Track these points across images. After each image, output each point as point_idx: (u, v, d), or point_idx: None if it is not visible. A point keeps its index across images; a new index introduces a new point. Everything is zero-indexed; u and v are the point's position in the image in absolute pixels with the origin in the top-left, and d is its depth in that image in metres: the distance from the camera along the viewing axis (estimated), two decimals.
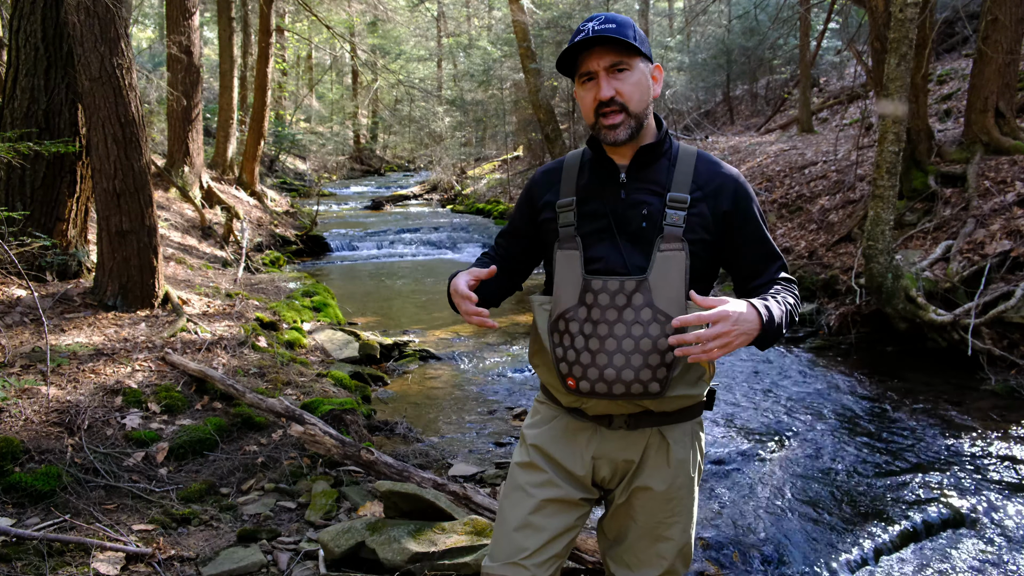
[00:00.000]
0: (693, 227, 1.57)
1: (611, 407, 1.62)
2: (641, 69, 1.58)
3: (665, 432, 1.66)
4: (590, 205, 1.64)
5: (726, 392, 5.13)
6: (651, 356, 1.53)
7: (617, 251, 1.58)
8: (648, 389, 1.55)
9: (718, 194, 1.60)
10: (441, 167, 21.66)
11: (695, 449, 1.71)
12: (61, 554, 2.63)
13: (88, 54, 4.60)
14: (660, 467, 1.66)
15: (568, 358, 1.60)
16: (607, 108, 1.55)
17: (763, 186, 10.45)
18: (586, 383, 1.58)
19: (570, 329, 1.60)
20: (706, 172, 1.62)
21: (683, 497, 1.67)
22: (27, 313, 4.54)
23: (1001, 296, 5.52)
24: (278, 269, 9.95)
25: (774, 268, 1.66)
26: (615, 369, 1.54)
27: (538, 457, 1.73)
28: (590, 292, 1.57)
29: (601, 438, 1.68)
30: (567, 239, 1.64)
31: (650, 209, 1.58)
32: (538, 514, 1.67)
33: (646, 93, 1.59)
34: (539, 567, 1.64)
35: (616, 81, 1.55)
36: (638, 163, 1.62)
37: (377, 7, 15.27)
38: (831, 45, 17.07)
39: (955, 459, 3.97)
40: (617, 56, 1.55)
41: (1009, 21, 7.19)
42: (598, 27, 1.53)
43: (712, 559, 3.02)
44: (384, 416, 4.69)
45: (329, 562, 2.72)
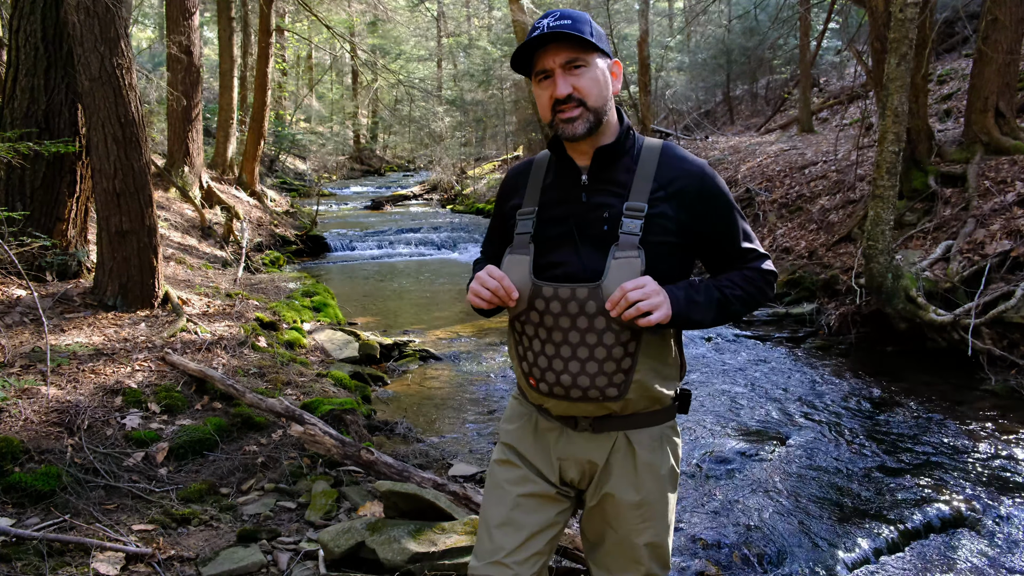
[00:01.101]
0: (654, 231, 1.53)
1: (573, 408, 1.60)
2: (599, 65, 1.54)
3: (631, 436, 1.63)
4: (553, 210, 1.61)
5: (726, 391, 5.13)
6: (606, 364, 1.52)
7: (577, 256, 1.56)
8: (606, 394, 1.54)
9: (683, 191, 1.56)
10: (441, 167, 21.66)
11: (666, 453, 1.66)
12: (61, 554, 2.63)
13: (88, 54, 4.60)
14: (627, 472, 1.63)
15: (528, 358, 1.60)
16: (564, 104, 1.52)
17: (763, 186, 10.45)
18: (545, 384, 1.58)
19: (526, 331, 1.59)
20: (670, 169, 1.57)
21: (654, 502, 1.63)
22: (27, 313, 4.53)
23: (1001, 296, 5.52)
24: (278, 269, 9.96)
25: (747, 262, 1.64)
26: (571, 375, 1.53)
27: (512, 455, 1.72)
28: (540, 298, 1.55)
29: (567, 439, 1.66)
30: (520, 245, 1.62)
31: (611, 212, 1.55)
32: (517, 511, 1.65)
33: (604, 88, 1.55)
34: (521, 564, 1.62)
35: (572, 78, 1.52)
36: (599, 163, 1.59)
37: (377, 7, 15.28)
38: (831, 45, 17.08)
39: (955, 459, 3.97)
40: (573, 53, 1.51)
41: (1009, 21, 7.19)
42: (553, 24, 1.49)
43: (712, 559, 3.02)
44: (384, 416, 4.69)
45: (329, 562, 2.72)
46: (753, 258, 1.65)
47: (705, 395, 5.09)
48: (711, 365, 5.79)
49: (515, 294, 1.55)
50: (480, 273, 1.58)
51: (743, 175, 11.27)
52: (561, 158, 1.63)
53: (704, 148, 14.02)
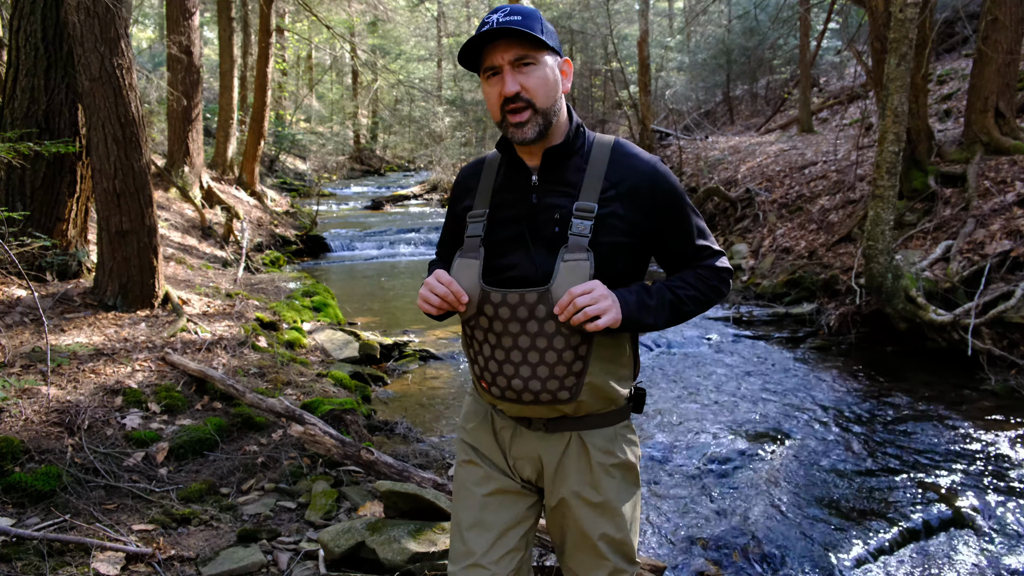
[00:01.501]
0: (605, 231, 1.51)
1: (525, 410, 1.59)
2: (548, 63, 1.51)
3: (584, 437, 1.61)
4: (504, 211, 1.60)
5: (726, 391, 5.13)
6: (557, 367, 1.51)
7: (530, 258, 1.54)
8: (557, 397, 1.53)
9: (634, 191, 1.54)
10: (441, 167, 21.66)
11: (621, 450, 1.64)
12: (61, 554, 2.63)
13: (88, 54, 4.60)
14: (582, 472, 1.62)
15: (479, 362, 1.59)
16: (513, 104, 1.49)
17: (763, 186, 10.45)
18: (496, 388, 1.57)
19: (476, 336, 1.57)
20: (621, 167, 1.55)
21: (611, 500, 1.62)
22: (27, 313, 4.54)
23: (1001, 296, 5.52)
24: (278, 269, 9.95)
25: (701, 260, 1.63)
26: (522, 380, 1.52)
27: (473, 453, 1.71)
28: (488, 303, 1.53)
29: (521, 439, 1.65)
30: (470, 249, 1.59)
31: (561, 213, 1.53)
32: (486, 511, 1.65)
33: (554, 88, 1.52)
34: (496, 564, 1.61)
35: (521, 76, 1.49)
36: (549, 164, 1.57)
37: (377, 7, 15.28)
38: (831, 45, 17.08)
39: (955, 459, 3.97)
40: (522, 50, 1.48)
41: (1009, 21, 7.19)
42: (503, 19, 1.46)
43: (712, 559, 3.02)
44: (384, 416, 4.69)
45: (329, 562, 2.72)
46: (707, 255, 1.64)
47: (705, 395, 5.09)
48: (711, 365, 5.79)
49: (464, 299, 1.53)
50: (429, 279, 1.56)
51: (743, 175, 11.27)
52: (511, 159, 1.61)
53: (704, 148, 14.02)
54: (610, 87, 17.33)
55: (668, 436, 4.34)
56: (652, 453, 4.13)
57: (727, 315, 7.30)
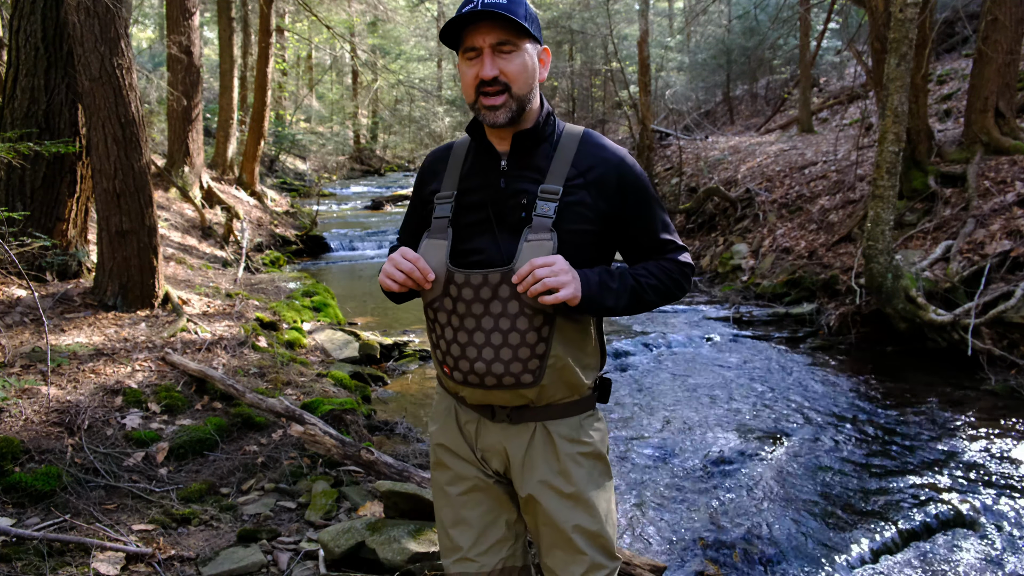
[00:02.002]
0: (571, 218, 1.51)
1: (488, 397, 1.58)
2: (528, 51, 1.51)
3: (550, 427, 1.60)
4: (471, 196, 1.59)
5: (726, 391, 5.13)
6: (520, 349, 1.50)
7: (495, 243, 1.54)
8: (520, 380, 1.52)
9: (601, 180, 1.54)
10: None
11: (588, 440, 1.63)
12: (61, 554, 2.63)
13: (88, 54, 4.60)
14: (549, 462, 1.60)
15: (441, 346, 1.58)
16: (489, 88, 1.49)
17: (763, 186, 10.45)
18: (459, 373, 1.55)
19: (439, 319, 1.56)
20: (589, 156, 1.55)
21: (583, 490, 1.60)
22: (27, 313, 4.54)
23: (1001, 296, 5.52)
24: (278, 269, 9.95)
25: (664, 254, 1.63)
26: (484, 362, 1.51)
27: (443, 453, 1.71)
28: (453, 284, 1.52)
29: (486, 431, 1.64)
30: (437, 230, 1.59)
31: (528, 198, 1.53)
32: (464, 509, 1.66)
33: (531, 76, 1.52)
34: (485, 555, 1.63)
35: (501, 60, 1.48)
36: (518, 149, 1.56)
37: (377, 7, 15.28)
38: (831, 45, 17.08)
39: (955, 459, 3.97)
40: (505, 34, 1.47)
41: (1009, 21, 7.19)
42: (488, 0, 1.45)
43: (712, 559, 3.02)
44: (384, 416, 4.69)
45: (329, 562, 2.72)
46: (671, 249, 1.64)
47: (705, 395, 5.09)
48: (711, 365, 5.79)
49: (431, 276, 1.52)
50: (394, 255, 1.54)
51: (743, 175, 11.27)
52: (480, 143, 1.60)
53: (704, 148, 14.02)
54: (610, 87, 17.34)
55: (668, 436, 4.34)
56: (652, 453, 4.13)
57: (727, 315, 7.30)
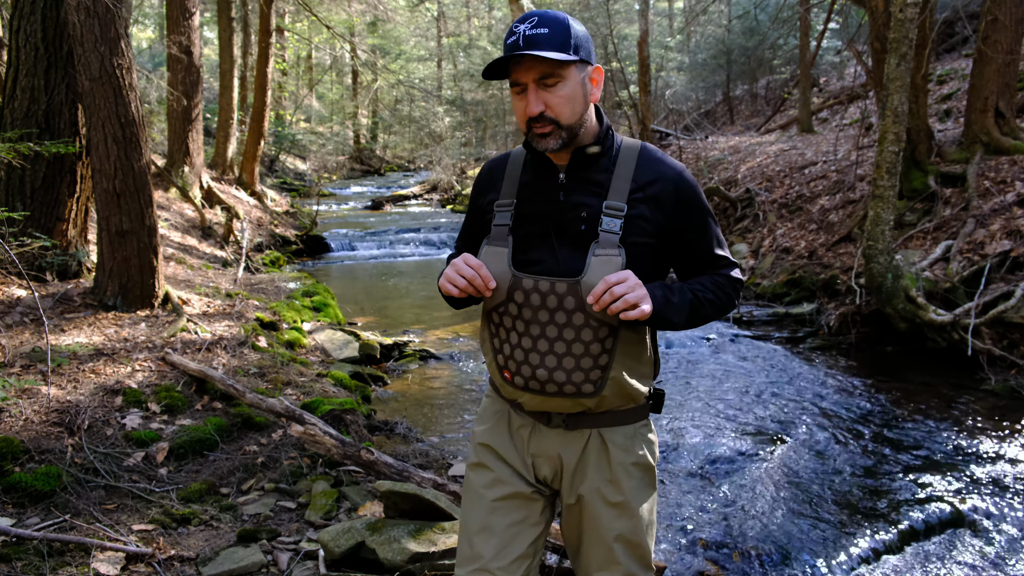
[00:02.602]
0: (632, 232, 1.53)
1: (547, 404, 1.59)
2: (575, 77, 1.49)
3: (605, 434, 1.61)
4: (529, 207, 1.60)
5: (726, 391, 5.13)
6: (583, 359, 1.51)
7: (554, 255, 1.55)
8: (581, 390, 1.53)
9: (661, 194, 1.55)
10: (441, 167, 21.66)
11: (641, 451, 1.65)
12: (61, 554, 2.63)
13: (88, 54, 4.60)
14: (601, 470, 1.62)
15: (503, 351, 1.59)
16: (537, 123, 1.49)
17: (763, 186, 10.45)
18: (520, 378, 1.56)
19: (503, 323, 1.57)
20: (648, 171, 1.56)
21: (630, 500, 1.62)
22: (27, 313, 4.54)
23: (1001, 296, 5.52)
24: (278, 269, 9.95)
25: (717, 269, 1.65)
26: (546, 370, 1.52)
27: (486, 455, 1.70)
28: (519, 290, 1.53)
29: (540, 436, 1.64)
30: (497, 237, 1.59)
31: (589, 212, 1.54)
32: (494, 516, 1.63)
33: (579, 103, 1.51)
34: (504, 570, 1.59)
35: (546, 94, 1.47)
36: (576, 164, 1.57)
37: (377, 7, 15.28)
38: (831, 45, 17.08)
39: (955, 459, 3.97)
40: (548, 68, 1.45)
41: (1009, 21, 7.19)
42: (529, 32, 1.43)
43: (712, 559, 3.02)
44: (384, 416, 4.69)
45: (329, 562, 2.72)
46: (724, 264, 1.65)
47: (705, 395, 5.09)
48: (711, 365, 5.79)
49: (492, 284, 1.52)
50: (456, 260, 1.54)
51: (743, 175, 11.27)
52: (538, 156, 1.61)
53: (704, 148, 14.01)
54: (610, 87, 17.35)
55: (668, 436, 4.34)
56: None
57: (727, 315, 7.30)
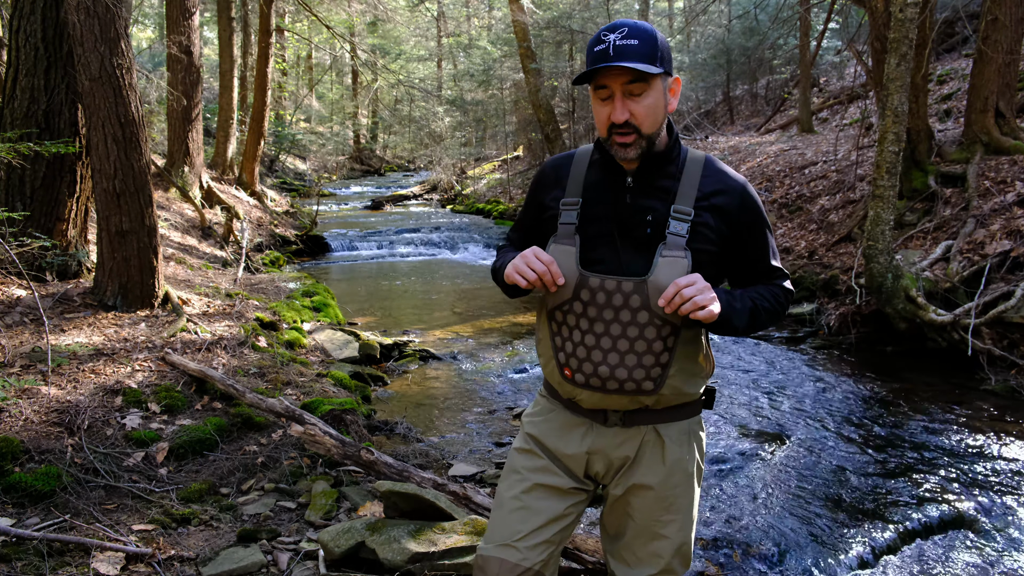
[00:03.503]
0: (696, 238, 1.56)
1: (605, 401, 1.63)
2: (659, 88, 1.53)
3: (661, 430, 1.66)
4: (595, 208, 1.63)
5: (726, 392, 5.13)
6: (645, 357, 1.55)
7: (616, 256, 1.58)
8: (642, 387, 1.57)
9: (725, 205, 1.59)
10: (441, 167, 21.66)
11: (692, 448, 1.70)
12: (61, 554, 2.63)
13: (88, 54, 4.60)
14: (655, 465, 1.66)
15: (566, 349, 1.62)
16: (620, 130, 1.53)
17: (763, 186, 10.45)
18: (581, 375, 1.60)
19: (567, 321, 1.61)
20: (714, 181, 1.60)
21: (679, 496, 1.67)
22: (27, 313, 4.54)
23: (1001, 296, 5.52)
24: (278, 269, 9.95)
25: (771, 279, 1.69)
26: (609, 367, 1.56)
27: (535, 445, 1.75)
28: (586, 288, 1.57)
29: (597, 433, 1.68)
30: (565, 235, 1.62)
31: (655, 216, 1.57)
32: (531, 495, 1.69)
33: (660, 112, 1.55)
34: (531, 550, 1.64)
35: (632, 103, 1.51)
36: (645, 169, 1.61)
37: (377, 7, 15.27)
38: (831, 45, 17.07)
39: (955, 459, 3.97)
40: (636, 74, 1.49)
41: (1009, 21, 7.19)
42: (620, 42, 1.46)
43: (712, 559, 3.02)
44: (384, 416, 4.69)
45: (329, 562, 2.72)
46: (779, 276, 1.70)
47: None
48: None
49: (561, 280, 1.55)
50: (527, 252, 1.57)
51: (743, 175, 11.27)
52: (607, 159, 1.64)
53: (704, 148, 14.01)
54: None
55: None
56: None
57: None
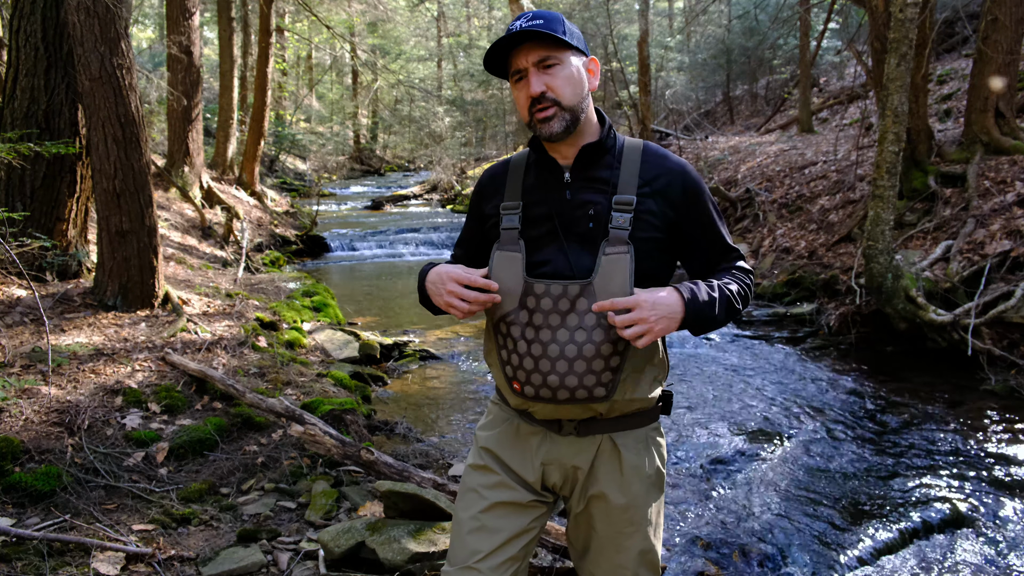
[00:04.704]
0: (641, 226, 1.54)
1: (558, 412, 1.58)
2: (573, 63, 1.54)
3: (616, 439, 1.61)
4: (536, 208, 1.60)
5: (726, 392, 5.13)
6: (595, 361, 1.50)
7: (563, 254, 1.55)
8: (593, 394, 1.52)
9: (667, 188, 1.57)
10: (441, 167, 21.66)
11: (651, 455, 1.65)
12: (61, 554, 2.63)
13: (88, 54, 4.60)
14: (613, 474, 1.62)
15: (512, 362, 1.57)
16: (540, 104, 1.52)
17: (763, 186, 10.45)
18: (530, 388, 1.54)
19: (512, 333, 1.56)
20: (654, 166, 1.58)
21: (640, 505, 1.62)
22: (27, 313, 4.54)
23: (1001, 296, 5.52)
24: (278, 269, 9.95)
25: (728, 261, 1.66)
26: (558, 375, 1.51)
27: (490, 460, 1.69)
28: (531, 296, 1.53)
29: (551, 443, 1.64)
30: (508, 241, 1.59)
31: (596, 209, 1.55)
32: (490, 515, 1.63)
33: (579, 86, 1.54)
34: (494, 570, 1.59)
35: (546, 76, 1.52)
36: (582, 162, 1.59)
37: (377, 7, 15.28)
38: (831, 45, 17.08)
39: (955, 459, 3.97)
40: (545, 51, 1.51)
41: (1009, 21, 7.19)
42: (526, 24, 1.50)
43: (712, 559, 3.02)
44: (384, 416, 4.69)
45: (329, 562, 2.72)
46: (734, 257, 1.66)
47: (705, 395, 5.09)
48: (711, 365, 5.79)
49: (494, 286, 1.53)
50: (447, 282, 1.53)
51: (743, 175, 11.27)
52: (542, 158, 1.62)
53: (704, 148, 14.01)
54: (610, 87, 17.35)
55: (668, 436, 4.34)
56: None
57: None
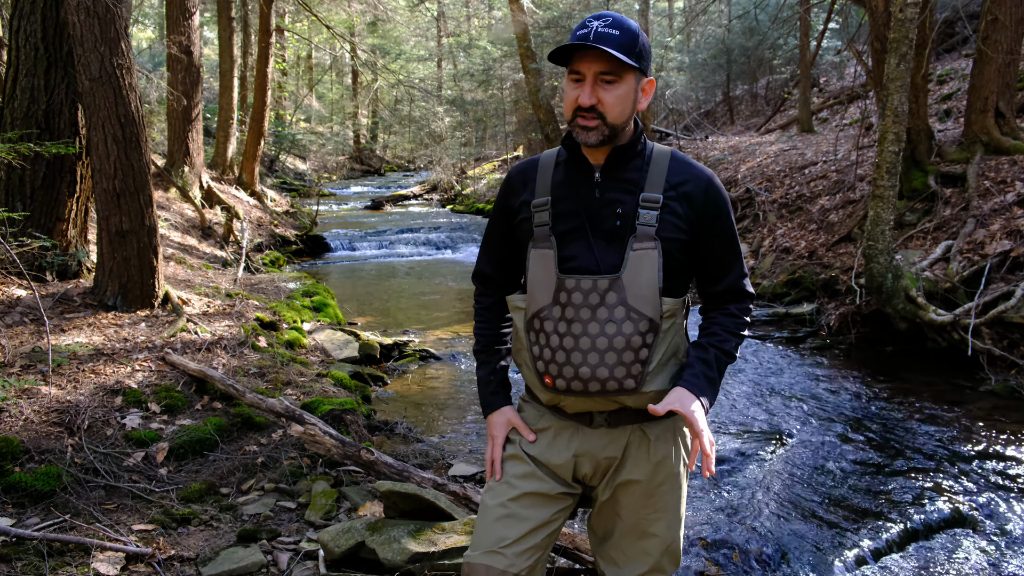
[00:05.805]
0: (667, 226, 1.58)
1: (589, 404, 1.64)
2: (630, 83, 1.55)
3: (646, 429, 1.68)
4: (564, 204, 1.64)
5: (726, 392, 5.13)
6: (625, 353, 1.56)
7: (590, 250, 1.60)
8: (623, 386, 1.57)
9: (692, 193, 1.61)
10: (441, 167, 21.66)
11: (678, 445, 1.72)
12: (61, 554, 2.63)
13: (88, 54, 4.60)
14: (641, 464, 1.68)
15: (544, 356, 1.63)
16: (585, 113, 1.55)
17: (763, 186, 10.45)
18: (562, 381, 1.60)
19: (545, 328, 1.62)
20: (680, 171, 1.63)
21: (666, 493, 1.69)
22: (27, 313, 4.54)
23: (1001, 296, 5.52)
24: (278, 269, 9.95)
25: (734, 275, 1.70)
26: (589, 367, 1.56)
27: (522, 451, 1.76)
28: (563, 291, 1.58)
29: (583, 436, 1.70)
30: (542, 238, 1.64)
31: (624, 208, 1.59)
32: (519, 503, 1.69)
33: (628, 107, 1.57)
34: (518, 556, 1.64)
35: (602, 90, 1.53)
36: (612, 163, 1.63)
37: (377, 7, 15.27)
38: (831, 45, 17.08)
39: (955, 459, 3.97)
40: (610, 65, 1.52)
41: (1009, 21, 7.19)
42: (601, 29, 1.49)
43: (712, 559, 3.02)
44: (384, 416, 4.69)
45: (329, 562, 2.72)
46: (739, 275, 1.71)
47: None
48: None
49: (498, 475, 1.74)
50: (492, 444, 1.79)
51: (743, 175, 11.27)
52: (574, 156, 1.66)
53: (704, 148, 14.01)
54: None
55: None
56: None
57: None
